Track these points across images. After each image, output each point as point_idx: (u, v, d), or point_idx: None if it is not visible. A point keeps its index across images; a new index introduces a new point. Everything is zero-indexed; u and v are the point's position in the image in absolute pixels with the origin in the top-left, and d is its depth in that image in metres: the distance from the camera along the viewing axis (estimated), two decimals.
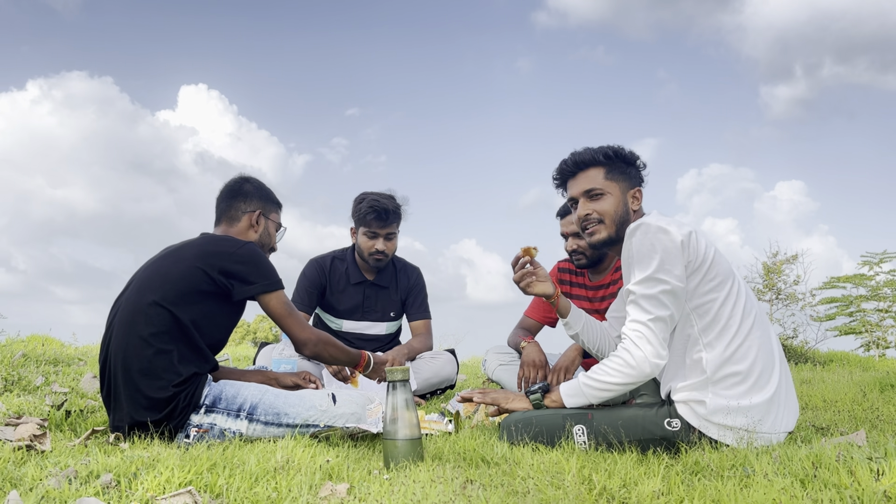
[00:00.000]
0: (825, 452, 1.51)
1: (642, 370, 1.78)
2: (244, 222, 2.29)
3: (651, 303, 1.78)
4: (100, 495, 1.28)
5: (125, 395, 1.95)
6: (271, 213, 2.36)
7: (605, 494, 1.33)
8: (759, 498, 1.21)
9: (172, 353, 1.95)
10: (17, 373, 2.98)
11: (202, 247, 2.09)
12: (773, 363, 1.83)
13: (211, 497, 1.31)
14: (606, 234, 2.02)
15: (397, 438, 1.66)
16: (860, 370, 4.54)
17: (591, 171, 2.04)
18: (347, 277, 3.41)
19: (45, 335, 5.02)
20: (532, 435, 1.91)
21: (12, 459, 1.56)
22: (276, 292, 2.09)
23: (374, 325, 3.44)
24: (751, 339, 1.80)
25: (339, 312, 3.41)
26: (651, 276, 1.78)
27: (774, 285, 6.68)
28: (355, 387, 2.91)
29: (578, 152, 2.07)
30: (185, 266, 2.03)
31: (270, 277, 2.09)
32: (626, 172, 2.04)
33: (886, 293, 6.90)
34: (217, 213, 2.34)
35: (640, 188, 2.06)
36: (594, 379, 1.86)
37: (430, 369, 3.23)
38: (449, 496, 1.29)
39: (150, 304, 1.97)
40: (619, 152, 2.04)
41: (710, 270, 1.81)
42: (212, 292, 2.03)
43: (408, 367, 1.76)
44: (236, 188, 2.33)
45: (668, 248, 1.78)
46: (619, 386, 1.83)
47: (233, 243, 2.10)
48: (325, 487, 1.37)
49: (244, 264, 2.05)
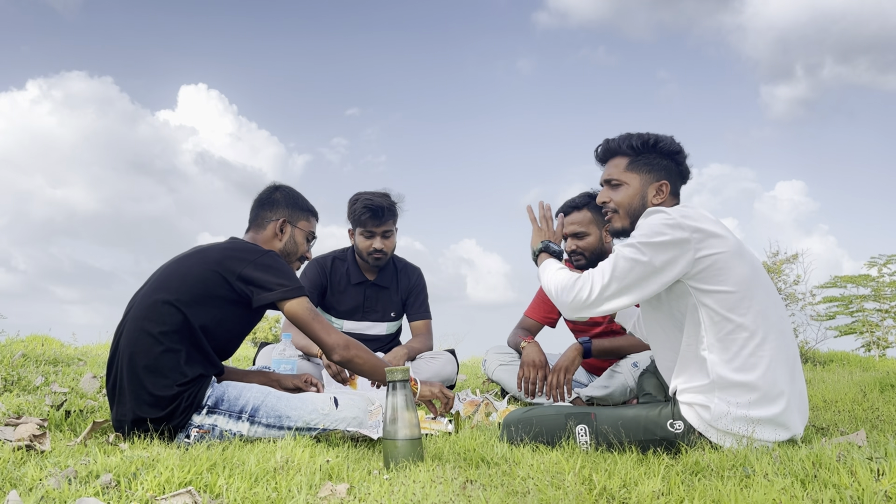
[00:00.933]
0: (825, 452, 1.51)
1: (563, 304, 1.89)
2: (269, 230, 2.30)
3: (620, 263, 1.79)
4: (100, 495, 1.27)
5: (129, 390, 1.95)
6: (299, 222, 2.35)
7: (605, 494, 1.32)
8: (759, 498, 1.21)
9: (180, 353, 1.95)
10: (17, 373, 2.98)
11: (224, 251, 2.09)
12: (786, 379, 1.75)
13: (211, 497, 1.31)
14: (620, 225, 2.02)
15: (397, 438, 1.66)
16: (860, 370, 4.54)
17: (616, 160, 2.04)
18: (348, 277, 3.41)
19: (45, 335, 5.03)
20: (532, 435, 1.91)
21: (12, 459, 1.56)
22: (298, 298, 2.07)
23: (375, 326, 3.44)
24: (762, 351, 1.72)
25: (339, 313, 3.42)
26: (635, 245, 1.78)
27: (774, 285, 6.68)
28: (354, 388, 2.91)
29: (611, 139, 2.06)
30: (205, 269, 2.03)
31: (291, 283, 2.07)
32: (653, 164, 1.99)
33: (888, 293, 6.90)
34: (249, 220, 2.37)
35: (666, 181, 1.98)
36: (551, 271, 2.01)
37: (431, 369, 3.23)
38: (449, 496, 1.29)
39: (163, 302, 1.98)
40: (648, 142, 1.99)
41: (722, 274, 1.74)
42: (229, 298, 2.03)
43: (408, 368, 1.76)
44: (265, 196, 2.36)
45: (668, 233, 1.74)
46: (550, 289, 1.96)
47: (254, 251, 2.10)
48: (324, 487, 1.37)
49: (264, 271, 2.04)
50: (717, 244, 1.76)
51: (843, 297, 7.26)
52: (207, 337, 2.02)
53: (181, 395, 1.93)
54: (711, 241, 1.76)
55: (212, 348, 2.04)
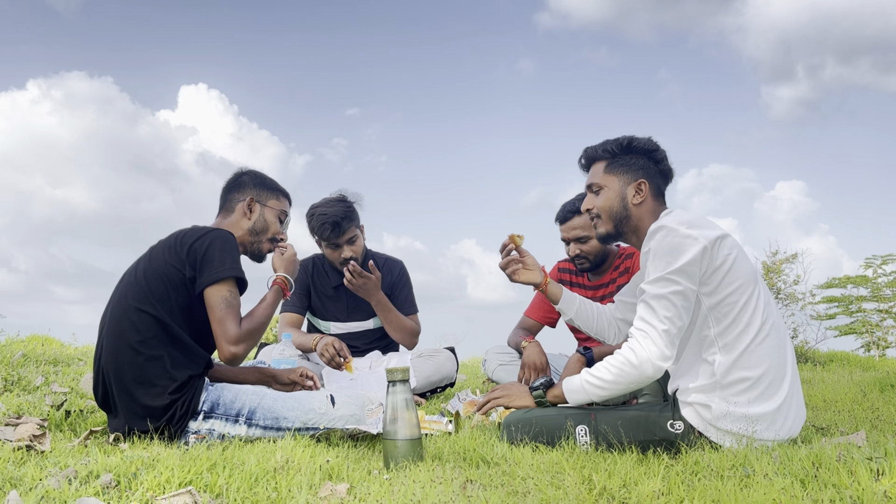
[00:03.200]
0: (825, 452, 1.51)
1: (644, 371, 1.76)
2: (238, 211, 2.26)
3: (661, 303, 1.75)
4: (100, 495, 1.27)
5: (121, 405, 1.93)
6: (269, 201, 2.30)
7: (605, 494, 1.32)
8: (759, 498, 1.21)
9: (163, 358, 1.92)
10: (17, 373, 2.98)
11: (170, 241, 2.04)
12: (784, 373, 1.79)
13: (211, 497, 1.31)
14: (604, 230, 2.01)
15: (397, 438, 1.66)
16: (860, 370, 4.54)
17: (596, 166, 2.05)
18: (329, 280, 3.37)
19: (45, 335, 5.03)
20: (532, 435, 1.91)
21: (12, 459, 1.56)
22: (222, 282, 1.94)
23: (362, 323, 3.42)
24: (765, 347, 1.76)
25: (325, 315, 3.40)
26: (664, 277, 1.75)
27: (774, 285, 6.68)
28: (350, 372, 2.90)
29: (589, 147, 2.07)
30: (157, 264, 2.00)
31: (221, 266, 1.95)
32: (629, 164, 1.98)
33: (887, 294, 6.90)
34: (219, 206, 2.33)
35: (645, 180, 1.96)
36: (596, 377, 1.83)
37: (430, 367, 3.23)
38: (449, 496, 1.28)
39: (133, 309, 1.94)
40: (622, 144, 1.99)
41: (730, 274, 1.77)
42: (188, 284, 1.97)
43: (408, 367, 1.76)
44: (232, 181, 2.32)
45: (687, 251, 1.74)
46: (620, 385, 1.80)
47: (196, 233, 2.03)
48: (324, 487, 1.37)
49: (202, 252, 1.96)
50: (728, 244, 1.79)
51: (843, 297, 7.27)
52: (186, 330, 1.98)
53: (175, 404, 1.90)
54: (724, 242, 1.78)
55: (195, 339, 2.00)
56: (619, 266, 3.01)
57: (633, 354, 1.76)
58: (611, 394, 1.84)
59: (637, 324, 1.80)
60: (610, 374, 1.80)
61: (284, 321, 3.32)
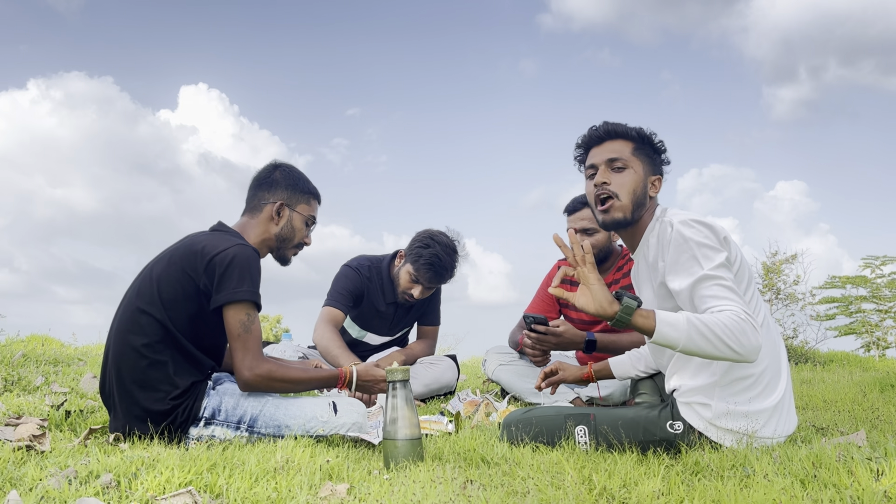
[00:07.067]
0: (825, 452, 1.51)
1: (749, 351, 1.58)
2: (265, 213, 2.17)
3: (722, 271, 1.68)
4: (100, 495, 1.27)
5: (120, 405, 1.93)
6: (298, 205, 2.21)
7: (605, 494, 1.33)
8: (759, 498, 1.21)
9: (167, 363, 1.90)
10: (17, 373, 2.98)
11: (188, 248, 1.98)
12: (780, 369, 1.81)
13: (211, 497, 1.31)
14: (622, 214, 1.86)
15: (397, 438, 1.66)
16: (860, 370, 4.54)
17: (620, 143, 1.93)
18: (382, 294, 3.33)
19: (45, 335, 5.02)
20: (532, 435, 1.91)
21: (12, 459, 1.56)
22: (240, 304, 1.90)
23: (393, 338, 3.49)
24: (765, 344, 1.74)
25: (365, 325, 3.40)
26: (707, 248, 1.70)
27: (774, 285, 6.69)
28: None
29: (615, 122, 1.96)
30: (172, 270, 1.95)
31: (239, 286, 1.90)
32: (651, 157, 1.95)
33: (886, 294, 6.90)
34: (246, 201, 2.24)
35: (660, 177, 1.95)
36: (704, 323, 1.59)
37: (431, 375, 3.22)
38: (449, 496, 1.29)
39: (141, 311, 1.92)
40: (649, 137, 1.96)
41: (739, 271, 1.79)
42: (201, 295, 1.93)
43: (408, 368, 1.76)
44: (263, 176, 2.22)
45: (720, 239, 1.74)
46: (721, 345, 1.57)
47: (219, 244, 1.96)
48: (325, 487, 1.37)
49: (223, 267, 1.90)
50: (733, 241, 1.80)
51: (843, 297, 7.26)
52: (192, 338, 1.95)
53: (176, 410, 1.89)
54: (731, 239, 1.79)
55: (201, 348, 1.98)
56: (622, 267, 3.00)
57: (752, 329, 1.59)
58: (702, 349, 1.60)
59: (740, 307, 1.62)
60: (720, 330, 1.58)
61: (327, 315, 3.20)
